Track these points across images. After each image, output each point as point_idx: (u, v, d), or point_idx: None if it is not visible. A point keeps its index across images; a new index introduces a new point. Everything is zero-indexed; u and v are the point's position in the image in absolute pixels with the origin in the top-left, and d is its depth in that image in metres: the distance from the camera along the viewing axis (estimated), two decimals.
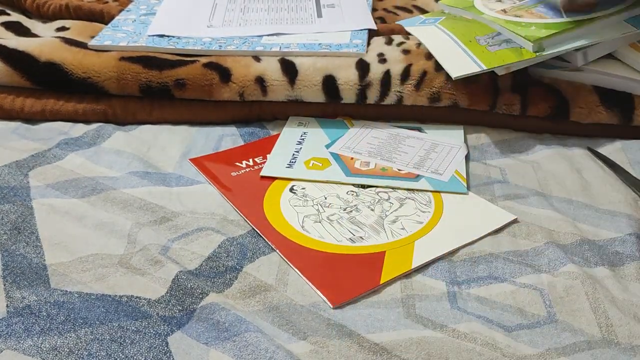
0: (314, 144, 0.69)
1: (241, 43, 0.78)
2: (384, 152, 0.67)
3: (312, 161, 0.65)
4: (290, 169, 0.64)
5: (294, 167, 0.64)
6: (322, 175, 0.63)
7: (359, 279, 0.50)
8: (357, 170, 0.64)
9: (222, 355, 0.44)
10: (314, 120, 0.74)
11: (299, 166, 0.65)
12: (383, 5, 0.97)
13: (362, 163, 0.65)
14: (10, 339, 0.45)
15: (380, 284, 0.50)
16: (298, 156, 0.66)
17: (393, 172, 0.64)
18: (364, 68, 0.73)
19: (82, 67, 0.72)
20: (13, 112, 0.72)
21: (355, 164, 0.65)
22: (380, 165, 0.64)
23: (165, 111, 0.73)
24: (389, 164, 0.65)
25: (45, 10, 0.91)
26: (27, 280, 0.50)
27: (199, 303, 0.49)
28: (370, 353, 0.44)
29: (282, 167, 0.65)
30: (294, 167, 0.65)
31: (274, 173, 0.64)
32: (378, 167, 0.64)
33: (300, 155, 0.67)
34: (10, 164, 0.63)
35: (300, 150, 0.67)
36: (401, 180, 0.62)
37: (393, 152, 0.67)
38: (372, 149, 0.68)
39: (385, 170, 0.64)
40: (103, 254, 0.53)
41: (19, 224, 0.56)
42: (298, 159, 0.66)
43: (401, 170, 0.64)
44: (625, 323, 0.47)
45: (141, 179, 0.63)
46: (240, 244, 0.55)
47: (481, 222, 0.57)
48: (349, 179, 0.63)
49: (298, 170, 0.64)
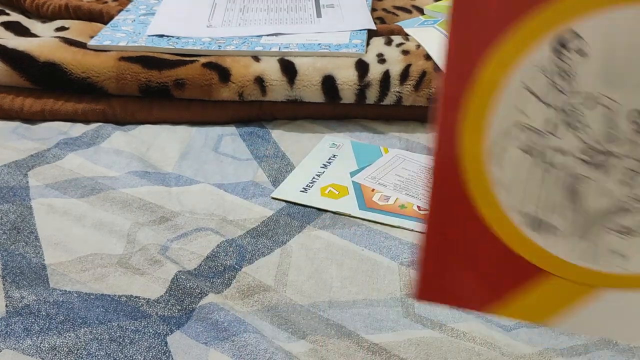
0: (340, 169, 0.65)
1: (240, 43, 0.78)
2: (411, 186, 0.62)
3: (330, 188, 0.62)
4: (304, 194, 0.61)
5: (308, 192, 0.61)
6: (334, 205, 0.60)
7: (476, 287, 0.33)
8: (372, 204, 0.60)
9: (221, 355, 0.44)
10: (348, 144, 0.70)
11: (314, 191, 0.62)
12: (382, 5, 0.97)
13: (382, 197, 0.60)
14: (9, 339, 0.45)
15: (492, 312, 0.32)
16: (317, 180, 0.63)
17: (411, 211, 0.59)
18: (363, 68, 0.73)
19: (81, 67, 0.72)
20: (12, 111, 0.72)
21: (374, 196, 0.61)
22: (401, 201, 0.60)
23: (165, 111, 0.73)
24: (412, 200, 0.60)
25: (44, 10, 0.91)
26: (27, 280, 0.50)
27: (198, 303, 0.49)
28: (370, 352, 0.44)
29: (296, 190, 0.62)
30: (308, 192, 0.61)
31: (285, 196, 0.61)
32: (397, 203, 0.60)
33: (320, 180, 0.63)
34: (10, 164, 0.63)
35: (322, 175, 0.64)
36: (417, 221, 0.57)
37: (422, 187, 0.62)
38: (400, 182, 0.63)
39: (404, 207, 0.59)
40: (102, 254, 0.53)
41: (18, 224, 0.56)
42: (316, 184, 0.62)
43: (422, 209, 0.57)
44: None
45: (140, 178, 0.63)
46: (239, 244, 0.55)
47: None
48: (361, 212, 0.59)
49: (311, 196, 0.61)
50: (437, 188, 0.31)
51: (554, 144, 0.30)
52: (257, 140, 0.70)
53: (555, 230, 0.30)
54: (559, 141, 0.30)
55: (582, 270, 0.30)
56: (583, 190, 0.30)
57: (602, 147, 0.29)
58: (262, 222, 0.58)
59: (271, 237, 0.56)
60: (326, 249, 0.54)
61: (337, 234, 0.56)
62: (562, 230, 0.30)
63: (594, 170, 0.30)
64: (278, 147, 0.69)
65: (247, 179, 0.64)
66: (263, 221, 0.58)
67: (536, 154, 0.30)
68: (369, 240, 0.55)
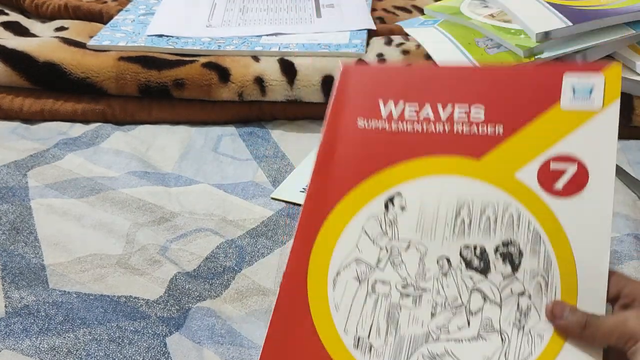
0: None
1: (240, 43, 0.78)
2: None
3: None
4: (304, 194, 0.60)
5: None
6: None
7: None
8: None
9: (219, 356, 0.44)
10: None
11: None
12: (382, 5, 0.97)
13: None
14: (8, 339, 0.45)
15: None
16: None
17: None
18: None
19: (80, 67, 0.72)
20: (12, 112, 0.72)
21: None
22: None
23: (164, 111, 0.73)
24: None
25: (44, 10, 0.91)
26: (26, 281, 0.50)
27: (197, 304, 0.49)
28: None
29: (296, 190, 0.61)
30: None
31: (285, 196, 0.61)
32: None
33: None
34: (9, 164, 0.63)
35: None
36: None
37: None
38: None
39: None
40: (102, 254, 0.53)
41: (18, 224, 0.56)
42: None
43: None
44: None
45: (140, 179, 0.62)
46: (238, 245, 0.55)
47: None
48: None
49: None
50: (283, 302, 0.39)
51: (379, 276, 0.39)
52: (256, 140, 0.70)
53: (375, 351, 0.37)
54: (383, 274, 0.39)
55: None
56: (401, 318, 0.37)
57: (415, 283, 0.38)
58: (261, 222, 0.57)
59: (271, 237, 0.56)
60: None
61: None
62: (381, 352, 0.37)
63: (409, 301, 0.38)
64: (278, 147, 0.69)
65: (246, 179, 0.64)
66: (263, 221, 0.58)
67: (365, 283, 0.39)
68: None
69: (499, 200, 0.38)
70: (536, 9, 0.72)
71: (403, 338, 0.37)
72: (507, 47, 0.70)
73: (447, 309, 0.37)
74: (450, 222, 0.39)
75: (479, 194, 0.39)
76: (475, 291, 0.37)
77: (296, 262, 0.40)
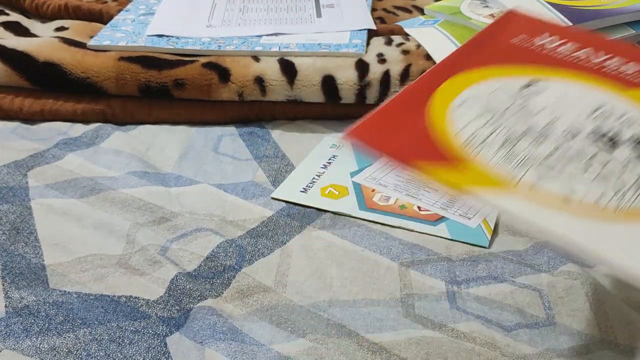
0: (340, 169, 0.65)
1: (240, 43, 0.78)
2: (411, 186, 0.61)
3: (330, 188, 0.62)
4: (304, 194, 0.61)
5: (308, 193, 0.61)
6: (334, 206, 0.59)
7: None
8: (373, 205, 0.59)
9: (220, 355, 0.44)
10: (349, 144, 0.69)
11: (314, 191, 0.61)
12: (382, 5, 0.97)
13: (382, 197, 0.60)
14: (9, 339, 0.45)
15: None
16: (318, 180, 0.63)
17: (412, 212, 0.58)
18: (363, 68, 0.73)
19: (81, 67, 0.72)
20: (12, 112, 0.72)
21: (375, 197, 0.60)
22: (402, 202, 0.59)
23: (164, 111, 0.73)
24: (412, 201, 0.60)
25: (44, 10, 0.91)
26: (26, 281, 0.50)
27: (197, 304, 0.49)
28: (370, 352, 0.44)
29: (296, 190, 0.62)
30: (308, 192, 0.61)
31: (285, 196, 0.61)
32: (398, 204, 0.59)
33: (321, 180, 0.63)
34: (9, 164, 0.63)
35: (322, 175, 0.64)
36: (417, 222, 0.57)
37: (422, 187, 0.61)
38: (400, 182, 0.62)
39: (404, 207, 0.59)
40: (102, 254, 0.53)
41: (18, 224, 0.56)
42: (316, 184, 0.62)
43: (422, 209, 0.59)
44: (625, 324, 0.47)
45: (140, 179, 0.62)
46: (238, 245, 0.55)
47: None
48: (361, 213, 0.58)
49: (311, 197, 0.61)
50: (402, 96, 0.41)
51: (504, 119, 0.39)
52: (256, 140, 0.70)
53: (483, 151, 0.36)
54: (507, 120, 0.39)
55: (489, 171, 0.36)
56: (518, 144, 0.37)
57: (541, 130, 0.38)
58: (262, 222, 0.57)
59: (271, 237, 0.56)
60: (326, 249, 0.54)
61: (337, 234, 0.56)
62: (490, 154, 0.36)
63: (530, 139, 0.37)
64: (278, 147, 0.69)
65: (246, 179, 0.64)
66: (263, 221, 0.58)
67: (487, 114, 0.39)
68: (369, 241, 0.55)
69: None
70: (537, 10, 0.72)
71: (515, 154, 0.36)
72: None
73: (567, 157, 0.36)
74: (586, 116, 0.38)
75: (623, 108, 0.39)
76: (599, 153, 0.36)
77: (424, 81, 0.42)
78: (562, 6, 0.71)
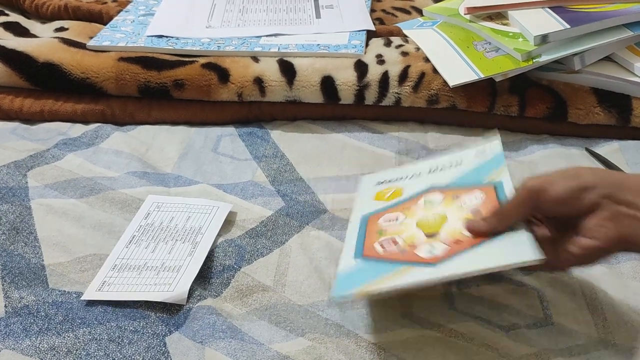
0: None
1: (240, 44, 0.79)
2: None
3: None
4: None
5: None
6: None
7: None
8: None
9: (219, 354, 0.44)
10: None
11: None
12: (381, 6, 0.98)
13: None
14: (8, 339, 0.45)
15: None
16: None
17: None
18: (362, 69, 0.73)
19: (80, 68, 0.72)
20: (12, 112, 0.72)
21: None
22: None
23: (164, 111, 0.73)
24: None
25: (44, 10, 0.91)
26: (26, 281, 0.50)
27: (197, 303, 0.49)
28: (368, 352, 0.45)
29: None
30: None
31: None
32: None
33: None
34: (9, 164, 0.63)
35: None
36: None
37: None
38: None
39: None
40: (101, 254, 0.53)
41: (18, 224, 0.56)
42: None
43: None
44: (622, 324, 0.47)
45: (140, 179, 0.63)
46: (238, 245, 0.55)
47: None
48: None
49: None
50: None
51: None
52: (256, 140, 0.70)
53: None
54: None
55: None
56: None
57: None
58: (261, 222, 0.58)
59: (270, 237, 0.56)
60: (325, 249, 0.54)
61: (336, 235, 0.56)
62: None
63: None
64: (277, 148, 0.69)
65: (246, 179, 0.64)
66: (262, 221, 0.58)
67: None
68: None
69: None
70: (534, 12, 0.72)
71: None
72: (505, 51, 0.70)
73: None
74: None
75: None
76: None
77: None
78: (560, 9, 0.72)
